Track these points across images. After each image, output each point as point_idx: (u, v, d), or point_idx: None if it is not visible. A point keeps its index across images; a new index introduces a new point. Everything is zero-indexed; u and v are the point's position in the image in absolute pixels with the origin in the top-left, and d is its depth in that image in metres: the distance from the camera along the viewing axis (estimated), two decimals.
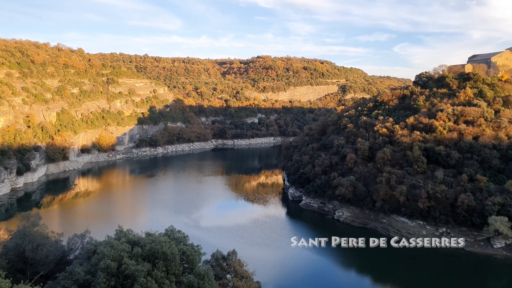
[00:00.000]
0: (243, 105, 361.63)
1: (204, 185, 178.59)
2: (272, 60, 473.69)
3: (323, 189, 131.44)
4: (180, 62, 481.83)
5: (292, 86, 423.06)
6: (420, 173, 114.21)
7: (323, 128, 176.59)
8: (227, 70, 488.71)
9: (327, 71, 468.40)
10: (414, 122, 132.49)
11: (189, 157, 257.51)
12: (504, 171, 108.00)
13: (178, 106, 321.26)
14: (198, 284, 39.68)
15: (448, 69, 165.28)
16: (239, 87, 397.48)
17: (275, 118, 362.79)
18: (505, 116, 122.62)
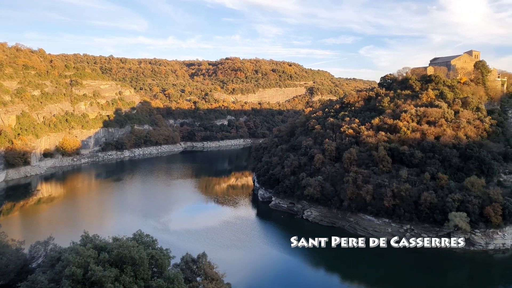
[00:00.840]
0: (212, 107, 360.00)
1: (173, 188, 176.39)
2: (240, 62, 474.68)
3: (292, 190, 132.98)
4: (147, 64, 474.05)
5: (261, 88, 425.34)
6: (385, 172, 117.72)
7: (291, 129, 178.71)
8: (196, 71, 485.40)
9: (295, 73, 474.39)
10: (379, 123, 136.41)
11: (157, 160, 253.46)
12: (463, 169, 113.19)
13: (145, 108, 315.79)
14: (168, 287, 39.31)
15: (411, 71, 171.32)
16: (208, 89, 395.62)
17: (244, 120, 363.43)
18: (464, 116, 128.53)
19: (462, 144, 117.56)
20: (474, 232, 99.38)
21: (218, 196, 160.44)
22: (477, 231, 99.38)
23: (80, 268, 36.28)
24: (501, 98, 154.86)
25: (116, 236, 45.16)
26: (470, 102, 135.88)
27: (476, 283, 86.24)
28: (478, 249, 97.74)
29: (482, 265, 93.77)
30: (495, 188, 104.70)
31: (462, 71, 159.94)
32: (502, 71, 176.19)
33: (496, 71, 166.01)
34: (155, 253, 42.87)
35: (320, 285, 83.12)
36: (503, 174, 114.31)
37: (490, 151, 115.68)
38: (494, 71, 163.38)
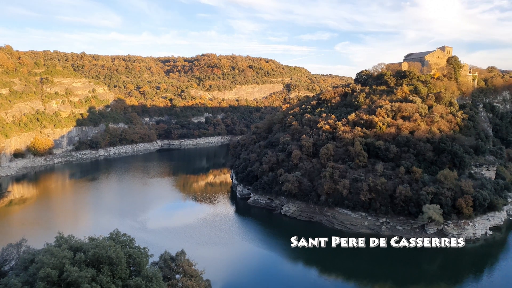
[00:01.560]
0: (188, 104, 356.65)
1: (150, 187, 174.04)
2: (217, 58, 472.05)
3: (270, 186, 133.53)
4: (121, 60, 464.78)
5: (238, 84, 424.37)
6: (362, 167, 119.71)
7: (269, 126, 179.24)
8: (171, 68, 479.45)
9: (272, 69, 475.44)
10: (355, 118, 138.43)
11: (133, 159, 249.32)
12: (437, 163, 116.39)
13: (119, 106, 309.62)
14: (146, 286, 38.83)
15: (386, 67, 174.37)
16: (184, 86, 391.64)
17: (222, 117, 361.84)
18: (437, 111, 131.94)
19: (435, 138, 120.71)
20: (447, 224, 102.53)
21: (196, 194, 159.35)
22: (450, 222, 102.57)
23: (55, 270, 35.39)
24: (472, 92, 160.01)
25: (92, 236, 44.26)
26: (443, 97, 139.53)
27: (448, 272, 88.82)
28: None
29: (454, 255, 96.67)
30: (466, 180, 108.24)
31: (436, 67, 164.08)
32: (473, 67, 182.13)
33: (467, 66, 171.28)
34: (133, 252, 42.26)
35: (298, 278, 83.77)
36: (474, 166, 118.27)
37: (462, 145, 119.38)
38: (465, 66, 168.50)
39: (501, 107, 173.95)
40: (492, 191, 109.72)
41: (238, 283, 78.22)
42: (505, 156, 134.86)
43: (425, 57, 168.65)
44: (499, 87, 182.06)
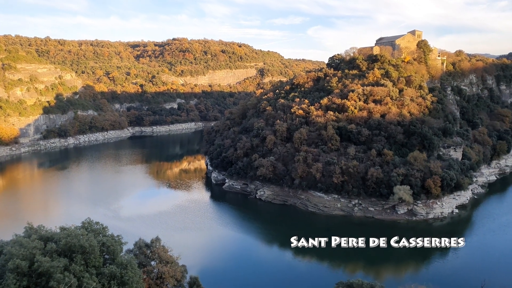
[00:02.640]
0: (160, 90, 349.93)
1: (123, 174, 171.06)
2: (188, 42, 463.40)
3: (245, 171, 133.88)
4: (88, 45, 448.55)
5: (211, 69, 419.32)
6: (334, 150, 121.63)
7: (243, 111, 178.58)
8: (141, 53, 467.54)
9: (245, 54, 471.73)
10: (328, 103, 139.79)
11: (104, 147, 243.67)
12: (407, 145, 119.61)
13: (88, 93, 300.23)
14: (121, 273, 38.30)
15: (358, 51, 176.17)
16: (155, 71, 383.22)
17: (195, 103, 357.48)
18: (407, 94, 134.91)
19: (406, 121, 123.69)
20: (416, 204, 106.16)
21: (170, 181, 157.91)
22: (419, 202, 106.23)
23: (25, 261, 34.29)
24: (441, 76, 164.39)
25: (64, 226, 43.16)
26: (413, 81, 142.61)
27: (417, 250, 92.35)
28: (419, 219, 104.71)
29: (423, 233, 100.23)
30: (435, 161, 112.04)
31: (406, 50, 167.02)
32: (442, 50, 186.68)
33: (436, 50, 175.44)
34: (106, 240, 41.46)
35: (273, 261, 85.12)
36: (442, 148, 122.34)
37: (431, 127, 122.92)
38: (435, 50, 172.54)
39: (468, 90, 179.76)
40: (459, 171, 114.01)
41: (214, 267, 78.70)
42: (471, 137, 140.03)
43: (396, 41, 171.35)
44: (466, 70, 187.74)
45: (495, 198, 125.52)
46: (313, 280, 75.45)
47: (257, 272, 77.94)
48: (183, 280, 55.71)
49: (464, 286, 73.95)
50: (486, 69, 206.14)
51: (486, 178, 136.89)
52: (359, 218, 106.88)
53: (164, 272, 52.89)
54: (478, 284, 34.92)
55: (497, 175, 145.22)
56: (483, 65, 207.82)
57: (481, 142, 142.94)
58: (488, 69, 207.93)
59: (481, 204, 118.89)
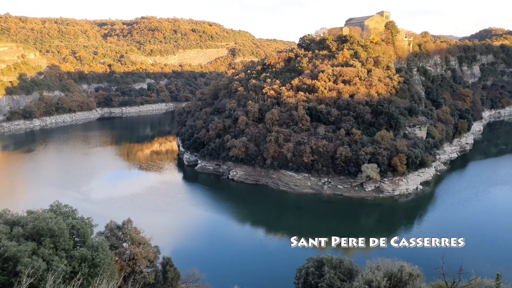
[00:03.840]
0: (129, 70, 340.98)
1: (92, 156, 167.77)
2: (158, 21, 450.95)
3: (217, 152, 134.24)
4: (52, 23, 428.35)
5: (181, 49, 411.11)
6: (305, 130, 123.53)
7: (215, 92, 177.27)
8: (109, 32, 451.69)
9: (216, 33, 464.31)
10: (299, 83, 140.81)
11: (72, 129, 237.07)
12: (375, 124, 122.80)
13: (54, 73, 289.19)
14: (92, 255, 38.46)
15: (328, 32, 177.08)
16: (124, 51, 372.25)
17: (165, 83, 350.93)
18: (375, 75, 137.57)
19: (373, 101, 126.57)
20: (383, 181, 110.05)
21: (141, 163, 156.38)
22: (386, 179, 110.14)
23: None
24: (407, 57, 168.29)
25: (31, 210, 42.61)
26: (381, 61, 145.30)
27: (383, 225, 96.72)
28: (386, 195, 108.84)
29: (389, 209, 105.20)
30: (401, 140, 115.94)
31: (375, 31, 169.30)
32: (408, 32, 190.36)
33: (403, 31, 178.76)
34: (76, 222, 41.34)
35: (245, 239, 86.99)
36: (408, 127, 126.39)
37: (397, 107, 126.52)
38: (402, 31, 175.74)
39: (433, 71, 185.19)
40: (423, 149, 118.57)
41: (187, 247, 79.73)
42: (435, 116, 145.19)
43: (365, 22, 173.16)
44: (431, 51, 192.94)
45: (456, 174, 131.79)
46: (285, 257, 77.64)
47: (229, 251, 79.56)
48: (156, 260, 56.35)
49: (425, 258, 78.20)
50: (450, 50, 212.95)
51: (448, 155, 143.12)
52: (328, 196, 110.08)
53: (136, 253, 53.23)
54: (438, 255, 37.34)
55: (458, 152, 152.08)
56: (447, 46, 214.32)
57: (444, 121, 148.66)
58: (451, 50, 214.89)
59: (443, 180, 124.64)
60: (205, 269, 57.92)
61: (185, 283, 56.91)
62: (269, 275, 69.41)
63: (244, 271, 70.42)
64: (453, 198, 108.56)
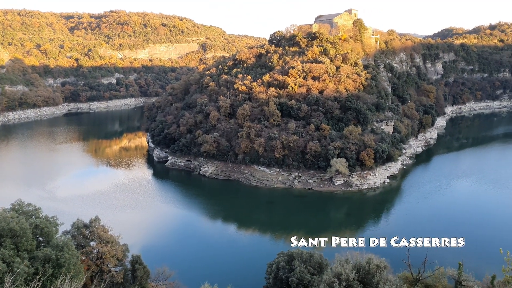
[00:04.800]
0: (97, 64, 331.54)
1: (58, 153, 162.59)
2: (127, 15, 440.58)
3: (188, 148, 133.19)
4: (15, 15, 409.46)
5: (151, 43, 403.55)
6: (276, 125, 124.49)
7: (186, 87, 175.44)
8: (76, 25, 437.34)
9: (187, 28, 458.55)
10: (270, 79, 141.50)
11: (36, 125, 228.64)
12: (343, 120, 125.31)
13: (17, 67, 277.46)
14: (57, 256, 37.53)
15: (298, 29, 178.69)
16: (92, 45, 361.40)
17: (135, 78, 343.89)
18: (344, 71, 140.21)
19: (342, 97, 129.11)
20: (352, 175, 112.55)
21: (110, 159, 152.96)
22: (354, 173, 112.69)
23: None
24: (374, 54, 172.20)
25: None
26: (349, 58, 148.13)
27: (352, 218, 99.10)
28: (355, 189, 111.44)
29: (358, 202, 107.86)
30: (369, 135, 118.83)
31: (343, 28, 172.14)
32: (375, 29, 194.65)
33: (371, 29, 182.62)
34: (40, 221, 40.17)
35: (217, 235, 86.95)
36: (375, 122, 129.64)
37: (365, 103, 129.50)
38: (369, 29, 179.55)
39: (399, 67, 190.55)
40: (390, 144, 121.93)
41: (157, 245, 78.83)
42: (401, 112, 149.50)
43: (333, 19, 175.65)
44: (397, 49, 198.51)
45: (421, 168, 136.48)
46: (256, 252, 78.34)
47: (200, 247, 79.33)
48: (125, 259, 55.44)
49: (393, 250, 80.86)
50: (414, 48, 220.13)
51: (413, 149, 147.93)
52: (299, 190, 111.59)
53: (104, 252, 52.21)
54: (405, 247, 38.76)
55: (423, 146, 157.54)
56: (412, 44, 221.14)
57: (409, 116, 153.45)
58: (416, 48, 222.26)
59: (409, 174, 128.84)
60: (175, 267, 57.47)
61: (155, 281, 56.39)
62: (240, 271, 69.81)
63: (215, 267, 70.45)
64: (419, 191, 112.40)
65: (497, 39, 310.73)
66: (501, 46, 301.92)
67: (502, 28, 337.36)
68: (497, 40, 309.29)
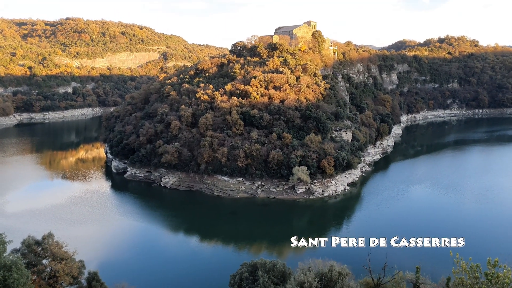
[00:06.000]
0: (52, 73, 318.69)
1: (9, 166, 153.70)
2: (85, 23, 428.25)
3: (148, 158, 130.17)
4: None
5: (110, 52, 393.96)
6: (239, 135, 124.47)
7: (146, 96, 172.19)
8: (29, 32, 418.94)
9: (147, 37, 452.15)
10: (232, 88, 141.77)
11: None
12: (304, 128, 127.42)
13: None
14: (4, 276, 35.17)
15: (259, 39, 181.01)
16: (46, 53, 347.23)
17: (92, 87, 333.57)
18: (304, 81, 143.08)
19: (302, 106, 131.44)
20: (313, 183, 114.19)
21: (65, 171, 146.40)
22: (316, 181, 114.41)
23: None
24: (333, 64, 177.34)
25: None
26: (309, 69, 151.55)
27: (315, 226, 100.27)
28: (316, 197, 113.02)
29: (319, 210, 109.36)
30: (328, 143, 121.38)
31: (303, 40, 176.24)
32: (333, 41, 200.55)
33: (329, 40, 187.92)
34: None
35: (178, 248, 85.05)
36: (335, 130, 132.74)
37: (324, 112, 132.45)
38: (327, 40, 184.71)
39: (356, 78, 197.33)
40: (349, 151, 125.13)
41: (116, 260, 75.89)
42: (359, 120, 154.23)
43: (293, 31, 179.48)
44: (355, 60, 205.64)
45: (379, 175, 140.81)
46: (219, 263, 77.24)
47: (161, 261, 77.12)
48: (81, 276, 52.97)
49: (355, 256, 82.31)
50: (371, 59, 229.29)
51: (372, 157, 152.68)
52: (262, 199, 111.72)
53: (58, 270, 49.60)
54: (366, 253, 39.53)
55: (381, 154, 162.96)
56: (368, 55, 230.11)
57: (367, 124, 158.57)
58: (372, 59, 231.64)
59: (368, 181, 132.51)
60: (135, 282, 55.61)
61: None
62: (203, 283, 68.53)
63: (177, 281, 68.72)
64: (378, 197, 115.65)
65: (445, 52, 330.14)
66: (449, 58, 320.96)
67: (450, 42, 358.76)
68: (445, 53, 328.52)
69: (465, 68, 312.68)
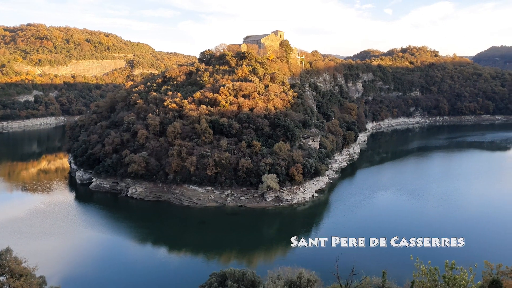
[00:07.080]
0: (12, 80, 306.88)
1: None
2: (47, 29, 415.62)
3: (114, 168, 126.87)
4: None
5: (74, 59, 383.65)
6: (208, 143, 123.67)
7: (111, 104, 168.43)
8: None
9: (113, 44, 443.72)
10: (201, 97, 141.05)
11: None
12: (273, 136, 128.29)
13: None
14: None
15: (228, 48, 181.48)
16: (6, 59, 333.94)
17: (56, 96, 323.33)
18: (272, 90, 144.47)
19: (271, 114, 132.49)
20: (282, 190, 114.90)
21: (25, 183, 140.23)
22: (285, 189, 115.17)
23: None
24: (300, 73, 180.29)
25: None
26: (277, 77, 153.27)
27: (284, 233, 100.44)
28: (285, 204, 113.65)
29: (289, 217, 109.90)
30: (297, 151, 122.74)
31: (271, 49, 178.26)
32: (301, 50, 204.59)
33: (296, 50, 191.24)
34: None
35: (146, 260, 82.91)
36: (303, 138, 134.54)
37: (293, 120, 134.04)
38: (295, 50, 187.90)
39: (323, 86, 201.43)
40: (317, 159, 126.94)
41: (80, 274, 72.98)
42: (326, 128, 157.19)
43: (261, 40, 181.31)
44: (321, 69, 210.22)
45: (346, 182, 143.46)
46: (188, 275, 75.98)
47: (128, 274, 74.90)
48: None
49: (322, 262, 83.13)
50: (337, 68, 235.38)
51: (339, 164, 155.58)
52: (231, 208, 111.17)
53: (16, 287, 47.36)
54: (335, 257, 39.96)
55: (347, 161, 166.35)
56: (334, 64, 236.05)
57: (334, 132, 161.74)
58: (338, 68, 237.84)
59: (336, 187, 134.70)
60: None
61: None
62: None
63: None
64: (345, 204, 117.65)
65: (408, 61, 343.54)
66: (411, 67, 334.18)
67: (412, 52, 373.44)
68: (408, 62, 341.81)
69: (426, 77, 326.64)
